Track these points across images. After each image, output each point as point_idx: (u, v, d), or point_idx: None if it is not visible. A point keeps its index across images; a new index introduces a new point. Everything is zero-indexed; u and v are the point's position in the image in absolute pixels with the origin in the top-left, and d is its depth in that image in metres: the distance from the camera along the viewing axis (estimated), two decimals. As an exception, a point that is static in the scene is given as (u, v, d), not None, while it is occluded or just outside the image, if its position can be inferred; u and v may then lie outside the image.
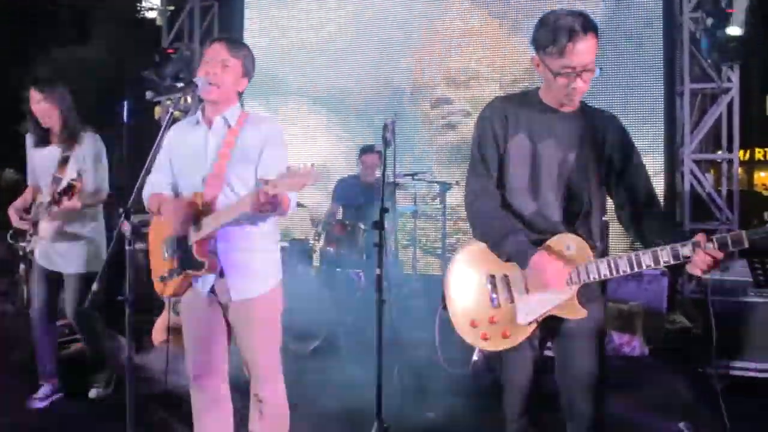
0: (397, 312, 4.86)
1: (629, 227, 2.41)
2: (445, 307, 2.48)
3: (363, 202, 5.54)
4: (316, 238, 5.49)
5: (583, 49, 2.17)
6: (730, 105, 6.35)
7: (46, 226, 3.96)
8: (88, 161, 3.95)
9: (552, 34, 2.18)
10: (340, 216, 5.91)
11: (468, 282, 2.42)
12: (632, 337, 5.07)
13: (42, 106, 3.89)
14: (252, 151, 2.68)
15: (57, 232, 3.97)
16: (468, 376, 3.85)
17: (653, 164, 6.47)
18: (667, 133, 6.54)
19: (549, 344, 2.51)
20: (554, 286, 2.24)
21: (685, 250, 2.13)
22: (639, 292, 5.30)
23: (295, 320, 5.22)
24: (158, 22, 8.13)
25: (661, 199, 6.36)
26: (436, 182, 6.03)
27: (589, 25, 2.19)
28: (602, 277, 2.25)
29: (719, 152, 6.58)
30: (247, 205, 2.43)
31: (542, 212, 2.36)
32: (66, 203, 3.82)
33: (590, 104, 2.48)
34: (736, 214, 6.31)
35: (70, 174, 3.88)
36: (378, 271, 3.03)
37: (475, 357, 2.72)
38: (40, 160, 4.05)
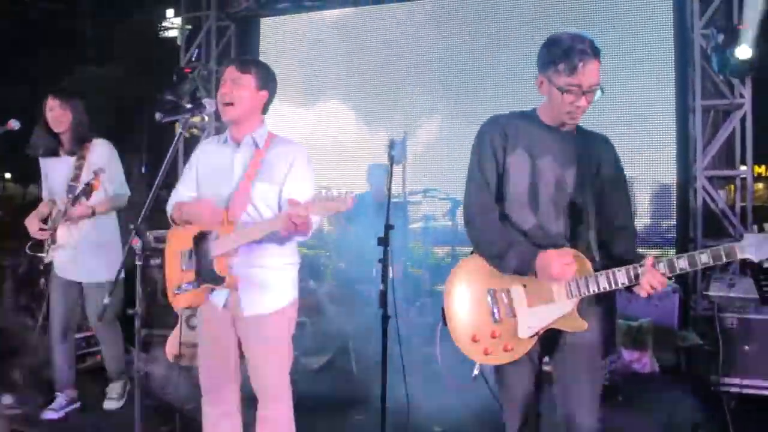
0: (406, 328, 4.89)
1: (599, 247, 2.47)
2: (445, 323, 2.51)
3: (375, 219, 5.58)
4: (328, 254, 5.55)
5: (592, 70, 2.29)
6: (743, 120, 6.33)
7: (63, 233, 4.04)
8: (102, 166, 4.01)
9: (564, 54, 2.30)
10: (351, 233, 5.98)
11: (468, 297, 2.46)
12: (642, 353, 5.04)
13: (55, 113, 4.02)
14: (278, 172, 2.73)
15: (75, 239, 4.06)
16: (470, 390, 3.89)
17: (666, 181, 6.47)
18: (680, 149, 6.52)
19: (546, 359, 2.54)
20: (562, 277, 2.29)
21: (704, 257, 2.21)
22: (649, 309, 5.27)
23: (306, 335, 5.31)
24: (179, 41, 8.30)
25: (674, 216, 6.43)
26: (448, 199, 6.06)
27: (596, 50, 2.32)
28: (601, 290, 2.30)
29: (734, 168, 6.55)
30: (277, 225, 2.48)
31: (542, 226, 2.42)
32: (83, 209, 3.92)
33: (596, 122, 2.61)
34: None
35: (84, 181, 3.98)
36: (382, 287, 3.07)
37: (475, 372, 2.77)
38: (54, 170, 4.15)
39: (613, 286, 2.29)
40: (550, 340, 2.43)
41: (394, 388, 3.19)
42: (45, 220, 4.14)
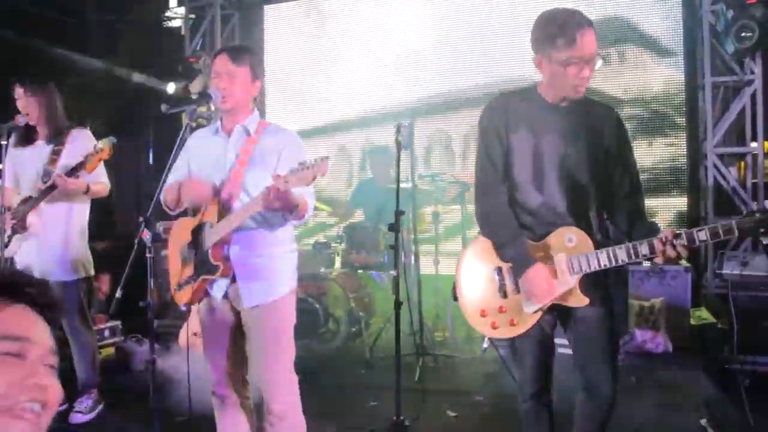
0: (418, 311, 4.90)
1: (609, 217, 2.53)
2: (455, 299, 2.61)
3: (382, 204, 5.56)
4: (338, 241, 5.54)
5: (590, 40, 2.30)
6: (753, 97, 6.26)
7: (34, 220, 3.82)
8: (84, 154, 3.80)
9: (559, 29, 2.30)
10: (361, 218, 5.98)
11: (477, 274, 2.55)
12: (655, 333, 5.04)
13: (24, 102, 3.84)
14: (270, 158, 2.73)
15: (41, 230, 3.84)
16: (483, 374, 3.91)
17: (676, 159, 6.43)
18: (690, 127, 6.48)
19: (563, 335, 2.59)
20: (539, 301, 2.37)
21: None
22: (662, 289, 5.26)
23: (318, 322, 5.33)
24: (183, 31, 8.24)
25: (685, 194, 6.39)
26: (456, 182, 6.02)
27: (588, 19, 2.34)
28: (602, 266, 2.33)
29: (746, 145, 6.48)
30: (259, 203, 2.47)
31: (548, 204, 2.46)
32: (78, 182, 3.74)
33: (605, 101, 2.58)
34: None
35: (62, 168, 3.78)
36: (394, 272, 3.07)
37: (484, 345, 2.83)
38: (24, 158, 3.93)
39: (614, 263, 2.32)
40: (563, 313, 2.48)
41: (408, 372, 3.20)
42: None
